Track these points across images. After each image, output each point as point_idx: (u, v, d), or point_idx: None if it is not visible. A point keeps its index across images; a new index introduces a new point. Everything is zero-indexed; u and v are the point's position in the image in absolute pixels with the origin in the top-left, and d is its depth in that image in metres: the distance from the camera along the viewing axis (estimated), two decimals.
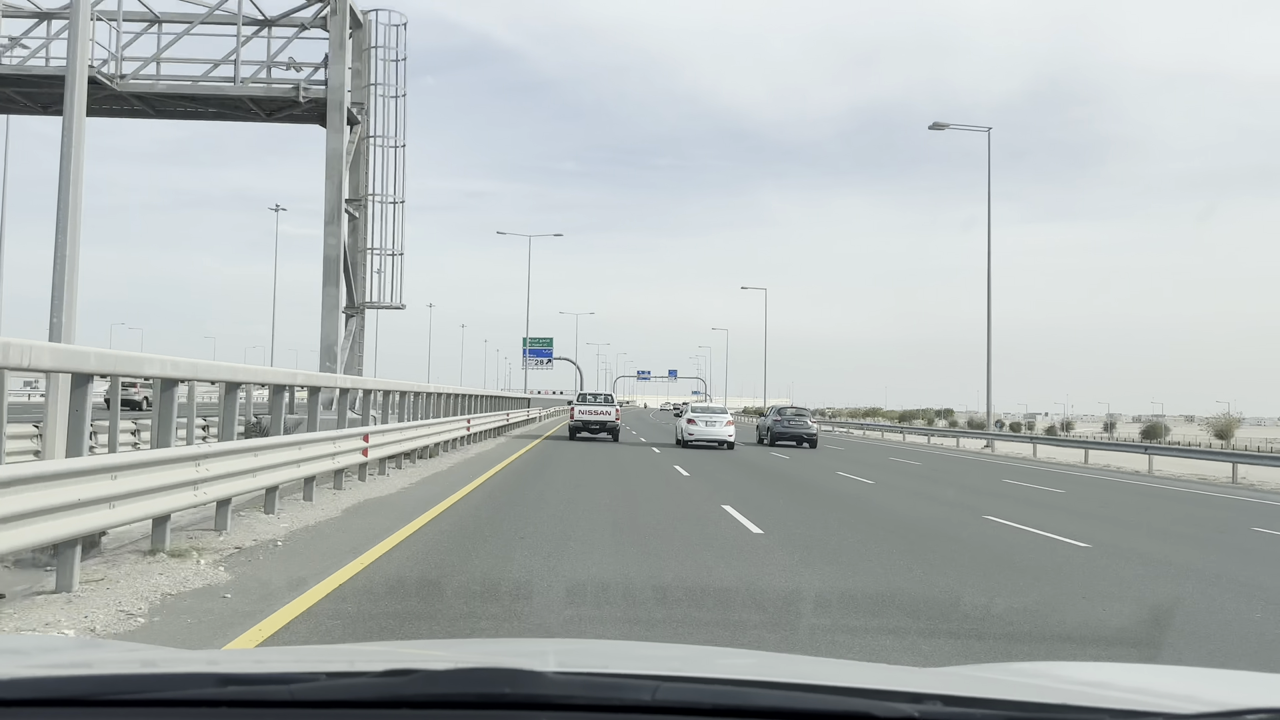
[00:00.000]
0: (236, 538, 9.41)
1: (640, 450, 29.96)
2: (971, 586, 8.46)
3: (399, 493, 14.39)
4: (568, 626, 6.45)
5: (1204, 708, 1.58)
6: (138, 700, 1.49)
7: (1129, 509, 17.80)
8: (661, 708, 1.48)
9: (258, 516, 10.85)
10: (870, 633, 6.55)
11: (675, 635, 6.20)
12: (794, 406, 41.45)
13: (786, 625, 6.81)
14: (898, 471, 25.62)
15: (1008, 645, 6.37)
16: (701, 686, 1.58)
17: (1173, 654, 6.30)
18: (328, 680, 1.53)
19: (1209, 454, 34.20)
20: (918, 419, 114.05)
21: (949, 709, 1.49)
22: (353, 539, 9.68)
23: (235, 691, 1.48)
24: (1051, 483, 23.49)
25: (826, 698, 1.54)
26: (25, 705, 1.47)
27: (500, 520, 11.56)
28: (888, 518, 13.97)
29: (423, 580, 7.73)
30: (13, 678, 1.54)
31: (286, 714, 1.46)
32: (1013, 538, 12.16)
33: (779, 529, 11.85)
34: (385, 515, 11.63)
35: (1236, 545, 12.88)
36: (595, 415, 35.03)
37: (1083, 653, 6.28)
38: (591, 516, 12.33)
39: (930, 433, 56.44)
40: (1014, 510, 15.62)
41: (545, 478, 18.15)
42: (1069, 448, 40.26)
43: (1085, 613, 7.51)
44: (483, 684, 1.49)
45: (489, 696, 1.47)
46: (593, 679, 1.56)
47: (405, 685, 1.47)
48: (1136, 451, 34.40)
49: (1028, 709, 1.56)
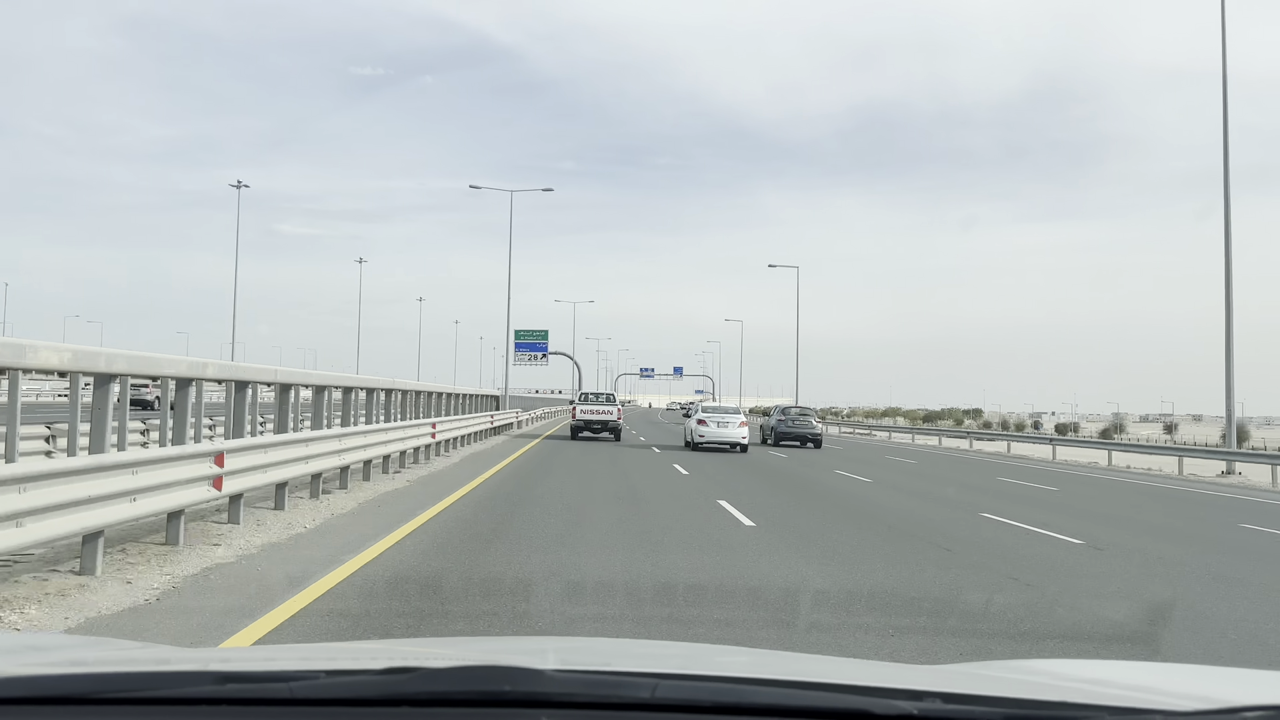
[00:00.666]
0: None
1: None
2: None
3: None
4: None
5: (1203, 705, 1.58)
6: (137, 698, 1.49)
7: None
8: (661, 705, 1.48)
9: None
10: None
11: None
12: (798, 406, 41.23)
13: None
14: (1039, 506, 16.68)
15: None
16: (700, 684, 1.58)
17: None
18: (327, 678, 1.53)
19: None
20: (943, 419, 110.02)
21: (948, 706, 1.49)
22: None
23: (235, 689, 1.48)
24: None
25: (825, 695, 1.54)
26: (24, 704, 1.47)
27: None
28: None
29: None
30: (11, 676, 1.54)
31: (286, 712, 1.46)
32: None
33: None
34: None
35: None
36: (597, 415, 35.38)
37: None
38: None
39: (978, 435, 49.16)
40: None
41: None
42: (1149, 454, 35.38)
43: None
44: (483, 682, 1.49)
45: (489, 694, 1.47)
46: (592, 677, 1.56)
47: (405, 683, 1.47)
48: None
49: (1027, 706, 1.56)
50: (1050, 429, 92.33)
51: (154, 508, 8.12)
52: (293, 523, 10.68)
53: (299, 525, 10.54)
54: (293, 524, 10.58)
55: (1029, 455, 39.23)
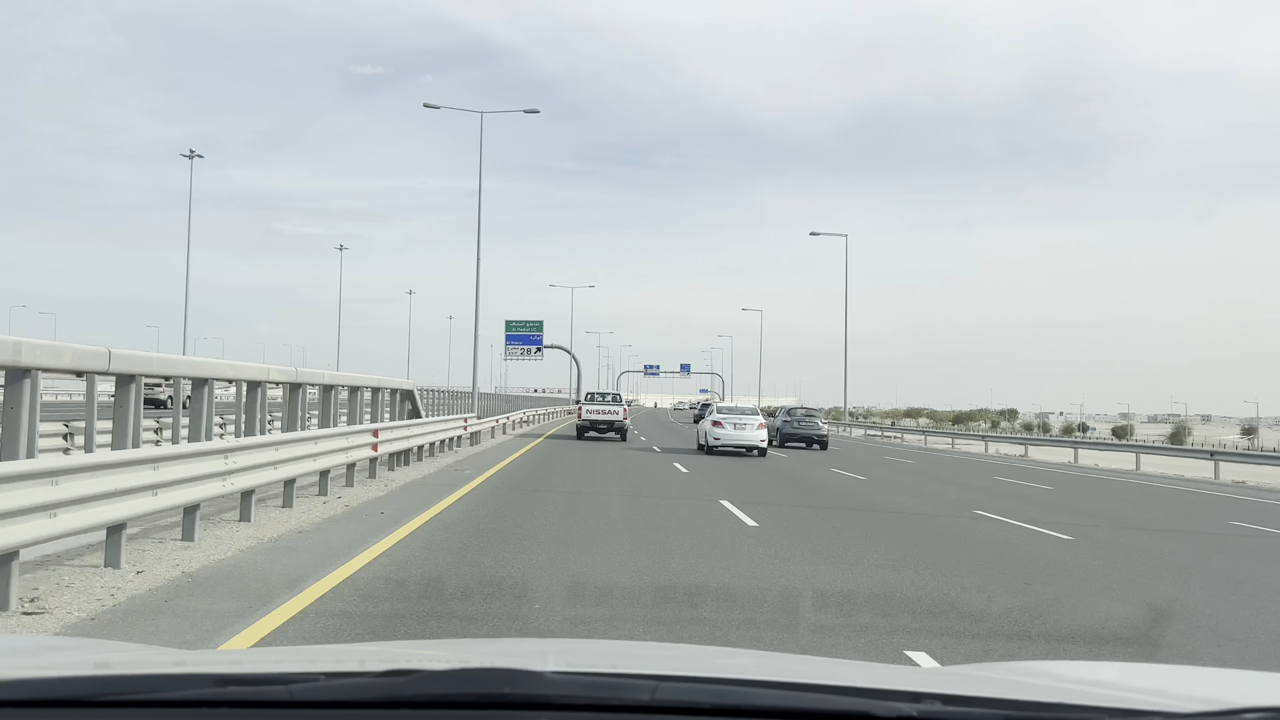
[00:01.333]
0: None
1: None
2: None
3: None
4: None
5: (1203, 706, 1.58)
6: (136, 701, 1.49)
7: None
8: (660, 707, 1.48)
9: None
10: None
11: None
12: (804, 407, 40.76)
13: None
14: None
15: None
16: (700, 686, 1.58)
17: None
18: (327, 680, 1.53)
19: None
20: (973, 420, 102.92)
21: (948, 708, 1.50)
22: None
23: (234, 692, 1.49)
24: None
25: (825, 697, 1.54)
26: (23, 706, 1.48)
27: None
28: None
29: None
30: (11, 679, 1.55)
31: (286, 714, 1.47)
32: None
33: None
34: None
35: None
36: (603, 415, 35.32)
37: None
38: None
39: (1037, 442, 42.24)
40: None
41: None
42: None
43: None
44: (482, 684, 1.49)
45: (488, 697, 1.48)
46: (592, 679, 1.56)
47: (405, 685, 1.48)
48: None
49: (1026, 708, 1.56)
50: (1057, 430, 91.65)
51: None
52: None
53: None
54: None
55: (1106, 464, 34.39)
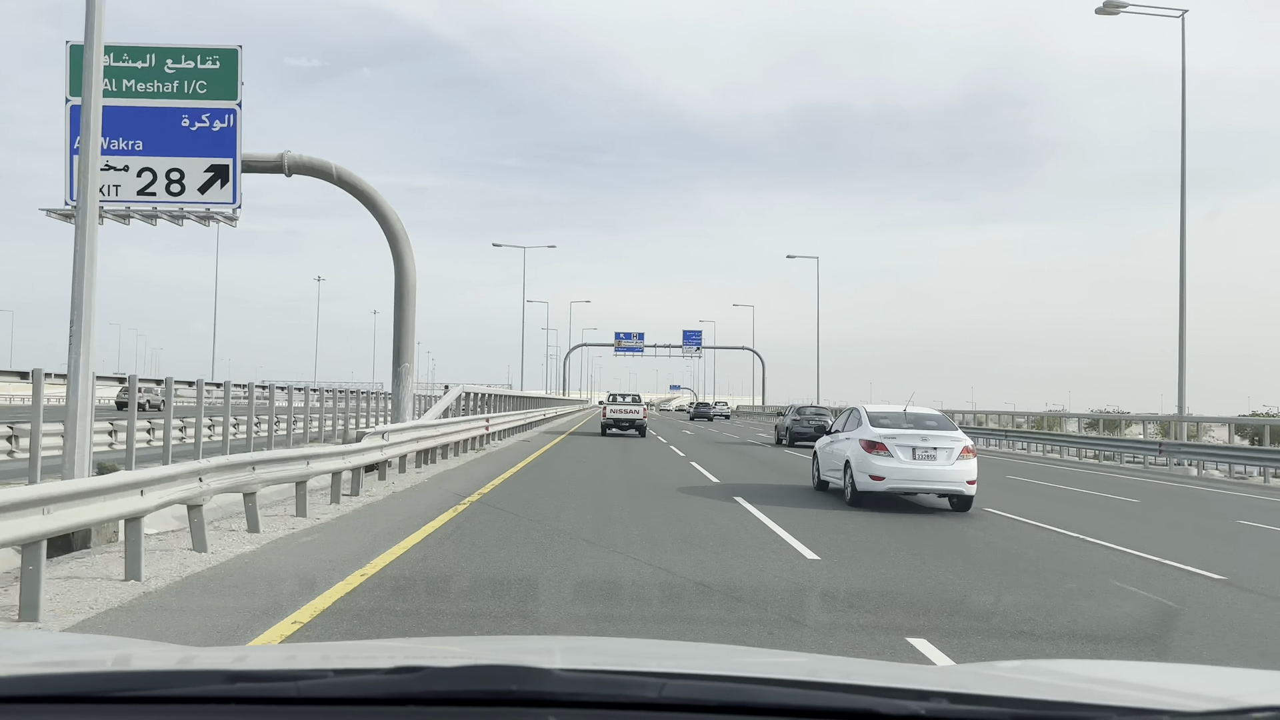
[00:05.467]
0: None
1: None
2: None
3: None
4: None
5: (1212, 705, 1.57)
6: (147, 697, 1.50)
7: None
8: (668, 705, 1.48)
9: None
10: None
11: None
12: (813, 406, 40.85)
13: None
14: None
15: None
16: (708, 684, 1.58)
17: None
18: (335, 677, 1.54)
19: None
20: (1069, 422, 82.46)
21: (955, 706, 1.49)
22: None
23: (243, 688, 1.49)
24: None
25: (833, 695, 1.54)
26: (36, 702, 1.48)
27: None
28: None
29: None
30: (21, 674, 1.55)
31: (295, 710, 1.47)
32: None
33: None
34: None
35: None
36: (624, 414, 40.05)
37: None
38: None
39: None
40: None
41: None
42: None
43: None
44: (490, 681, 1.49)
45: (496, 694, 1.48)
46: (599, 676, 1.56)
47: (413, 682, 1.48)
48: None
49: (1034, 706, 1.56)
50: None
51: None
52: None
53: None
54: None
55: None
